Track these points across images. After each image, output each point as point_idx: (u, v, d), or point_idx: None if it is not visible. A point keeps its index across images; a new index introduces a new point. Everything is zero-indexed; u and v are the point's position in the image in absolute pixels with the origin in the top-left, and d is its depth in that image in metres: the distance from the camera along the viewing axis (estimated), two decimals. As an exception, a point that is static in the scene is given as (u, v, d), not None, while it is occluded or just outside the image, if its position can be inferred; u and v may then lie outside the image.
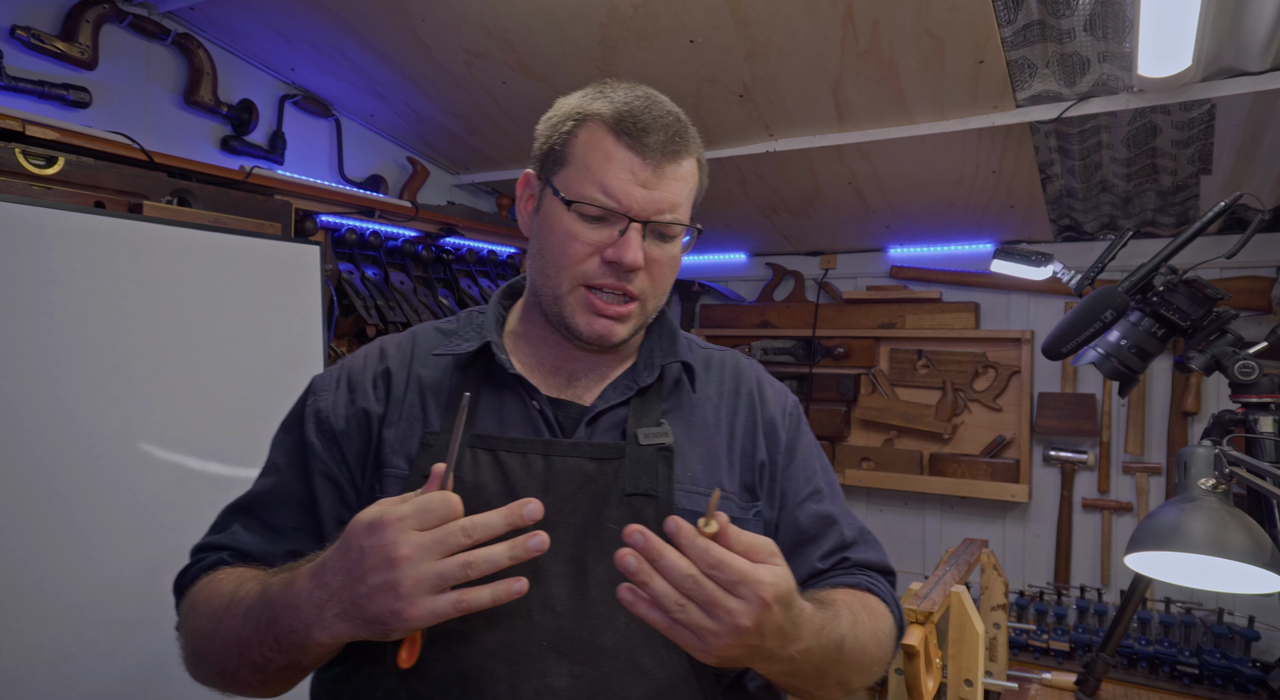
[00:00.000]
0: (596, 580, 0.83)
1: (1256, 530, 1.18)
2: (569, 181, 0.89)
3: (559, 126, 0.92)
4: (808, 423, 1.08)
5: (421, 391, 0.93)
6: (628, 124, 0.87)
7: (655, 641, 0.83)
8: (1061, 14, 1.69)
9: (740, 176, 2.62)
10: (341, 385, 0.96)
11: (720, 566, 0.66)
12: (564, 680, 0.80)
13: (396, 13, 1.98)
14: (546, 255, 0.91)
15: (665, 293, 0.94)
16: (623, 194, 0.86)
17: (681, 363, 0.98)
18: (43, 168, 1.69)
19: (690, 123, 0.94)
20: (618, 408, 0.93)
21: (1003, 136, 2.16)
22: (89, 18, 1.90)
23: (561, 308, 0.90)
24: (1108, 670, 1.77)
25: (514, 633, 0.81)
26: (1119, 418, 2.69)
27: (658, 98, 0.92)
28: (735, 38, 1.91)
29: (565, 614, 0.82)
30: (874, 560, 1.01)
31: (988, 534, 2.89)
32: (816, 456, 1.05)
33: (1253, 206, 1.70)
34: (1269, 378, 1.47)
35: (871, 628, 0.89)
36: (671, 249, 0.91)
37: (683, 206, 0.90)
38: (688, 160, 0.91)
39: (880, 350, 3.10)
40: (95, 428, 1.57)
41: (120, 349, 1.62)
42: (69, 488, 1.53)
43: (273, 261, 1.92)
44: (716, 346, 1.08)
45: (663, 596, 0.66)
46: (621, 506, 0.86)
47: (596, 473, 0.87)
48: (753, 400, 1.01)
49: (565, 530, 0.85)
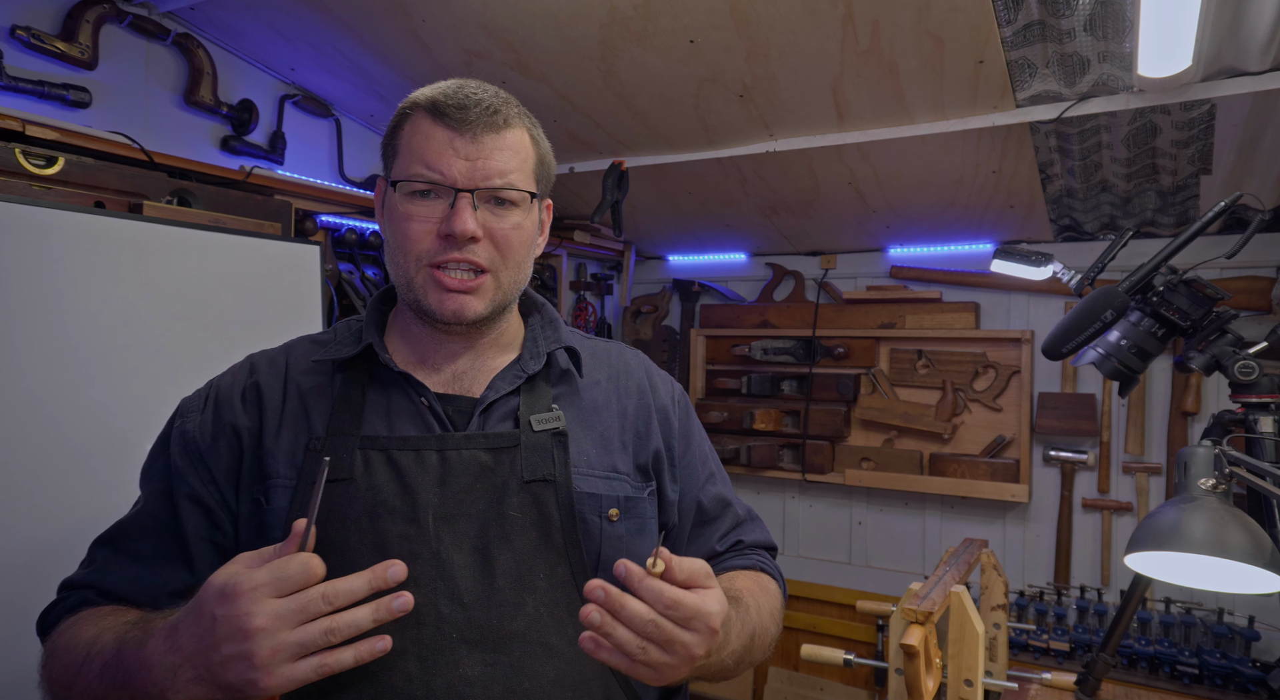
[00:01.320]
0: (502, 568, 0.85)
1: (1256, 530, 1.18)
2: (399, 169, 0.91)
3: (390, 126, 0.95)
4: (693, 409, 1.12)
5: (302, 398, 0.93)
6: (443, 105, 0.89)
7: (564, 621, 0.86)
8: (1061, 14, 1.69)
9: (740, 176, 2.62)
10: (209, 404, 0.95)
11: (675, 606, 0.70)
12: (476, 669, 0.82)
13: (396, 13, 1.98)
14: (392, 244, 0.92)
15: (519, 265, 0.94)
16: (444, 165, 0.87)
17: (567, 348, 1.00)
18: (43, 168, 1.69)
19: (515, 101, 0.94)
20: (508, 397, 0.94)
21: (1003, 136, 2.16)
22: (89, 18, 1.90)
23: (415, 292, 0.91)
24: (1108, 670, 1.77)
25: (422, 628, 0.82)
26: (1119, 418, 2.69)
27: (476, 83, 0.93)
28: (735, 38, 1.91)
29: (473, 605, 0.83)
30: (761, 540, 1.10)
31: (988, 534, 2.89)
32: (705, 440, 1.11)
33: (1253, 206, 1.71)
34: (1269, 378, 1.47)
35: (770, 608, 0.95)
36: (512, 218, 0.91)
37: (514, 174, 0.90)
38: (512, 131, 0.91)
39: (880, 350, 3.10)
40: (95, 428, 1.57)
41: (120, 349, 1.62)
42: (68, 488, 1.53)
43: (273, 261, 1.92)
44: (603, 338, 1.10)
45: (625, 643, 0.70)
46: (521, 494, 0.88)
47: (493, 463, 0.88)
48: (642, 386, 1.04)
49: (467, 522, 0.86)
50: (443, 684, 0.80)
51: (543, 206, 1.00)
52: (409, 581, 0.82)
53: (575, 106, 2.31)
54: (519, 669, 0.83)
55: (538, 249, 1.00)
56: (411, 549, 0.84)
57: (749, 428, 3.13)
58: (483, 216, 0.89)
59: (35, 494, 1.49)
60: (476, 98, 0.89)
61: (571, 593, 0.87)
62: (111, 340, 1.61)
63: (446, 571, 0.84)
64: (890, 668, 1.41)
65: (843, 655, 1.52)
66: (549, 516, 0.88)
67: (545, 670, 0.84)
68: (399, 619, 0.80)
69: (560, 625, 0.86)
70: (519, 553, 0.86)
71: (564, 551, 0.88)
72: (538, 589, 0.86)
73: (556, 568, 0.87)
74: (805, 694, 3.19)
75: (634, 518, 0.95)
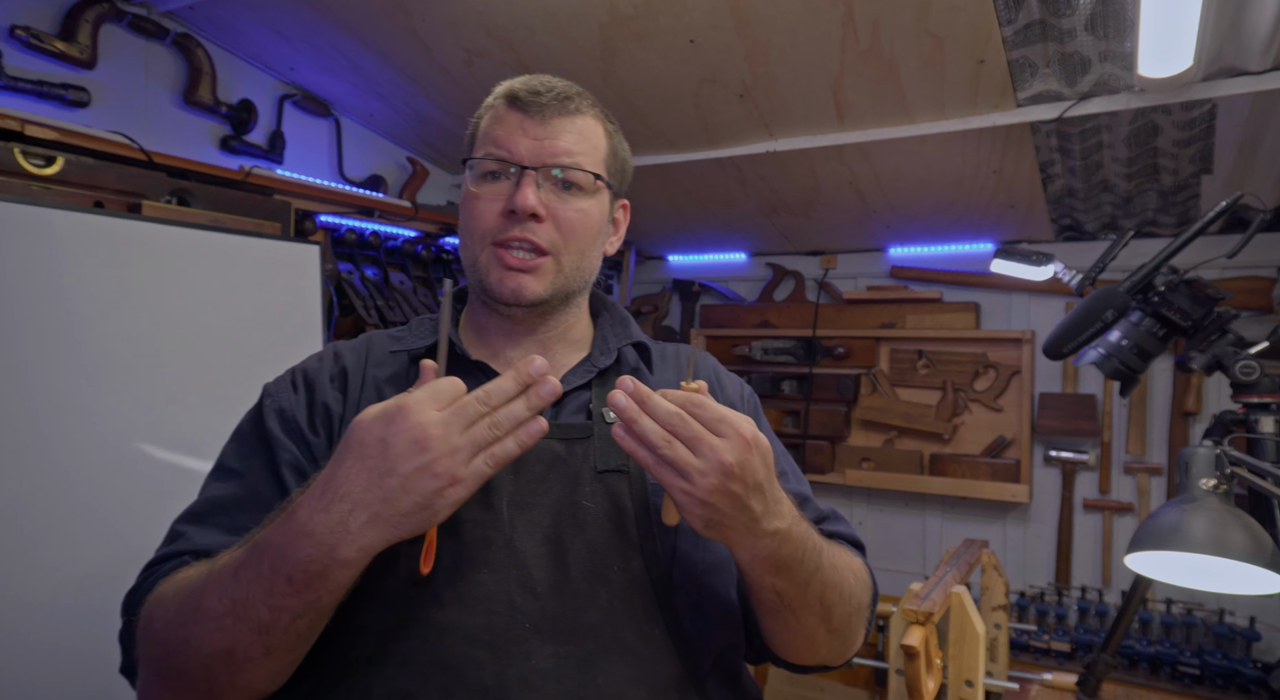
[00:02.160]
0: (575, 558, 0.83)
1: (1257, 530, 1.18)
2: (474, 154, 0.94)
3: (473, 120, 0.98)
4: (763, 412, 1.10)
5: (379, 388, 0.93)
6: (518, 91, 0.92)
7: (638, 617, 0.83)
8: (1062, 14, 1.69)
9: (740, 176, 2.62)
10: (300, 386, 0.95)
11: (702, 406, 0.71)
12: (549, 661, 0.79)
13: (396, 13, 1.98)
14: (462, 224, 0.94)
15: (583, 252, 0.94)
16: (510, 143, 0.90)
17: (636, 344, 1.00)
18: (42, 167, 1.69)
19: (593, 97, 0.96)
20: (579, 390, 0.94)
21: (1003, 136, 2.15)
22: (88, 17, 1.90)
23: (479, 272, 0.92)
24: (1109, 671, 1.76)
25: (494, 617, 0.80)
26: (1120, 418, 2.69)
27: (557, 78, 0.95)
28: (735, 38, 1.91)
29: (546, 595, 0.81)
30: (844, 532, 1.03)
31: (988, 534, 2.89)
32: (777, 442, 1.08)
33: (1253, 206, 1.70)
34: (1270, 378, 1.47)
35: (847, 561, 0.90)
36: (578, 203, 0.92)
37: (580, 157, 0.91)
38: (582, 117, 0.93)
39: (880, 350, 3.10)
40: (95, 428, 1.57)
41: (120, 349, 1.62)
42: (69, 487, 1.53)
43: (272, 261, 1.92)
44: (669, 343, 1.11)
45: (649, 432, 0.70)
46: (594, 484, 0.87)
47: (566, 453, 0.88)
48: (712, 385, 1.03)
49: (540, 511, 0.85)
50: (515, 675, 0.78)
51: (617, 204, 1.00)
52: (482, 568, 0.81)
53: (575, 106, 2.30)
54: (592, 663, 0.80)
55: (610, 248, 1.01)
56: (485, 534, 0.83)
57: (749, 428, 3.12)
58: (546, 197, 0.90)
59: (34, 492, 1.49)
60: (550, 85, 0.92)
61: (646, 589, 0.84)
62: (111, 340, 1.61)
63: (520, 559, 0.82)
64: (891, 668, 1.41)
65: (843, 656, 1.51)
66: (623, 507, 0.87)
67: (620, 667, 0.81)
68: (472, 605, 0.80)
69: (635, 620, 0.83)
70: (592, 543, 0.84)
71: (639, 544, 0.86)
72: (612, 582, 0.83)
73: (631, 561, 0.85)
74: (805, 694, 3.19)
75: None
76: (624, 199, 1.03)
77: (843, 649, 0.93)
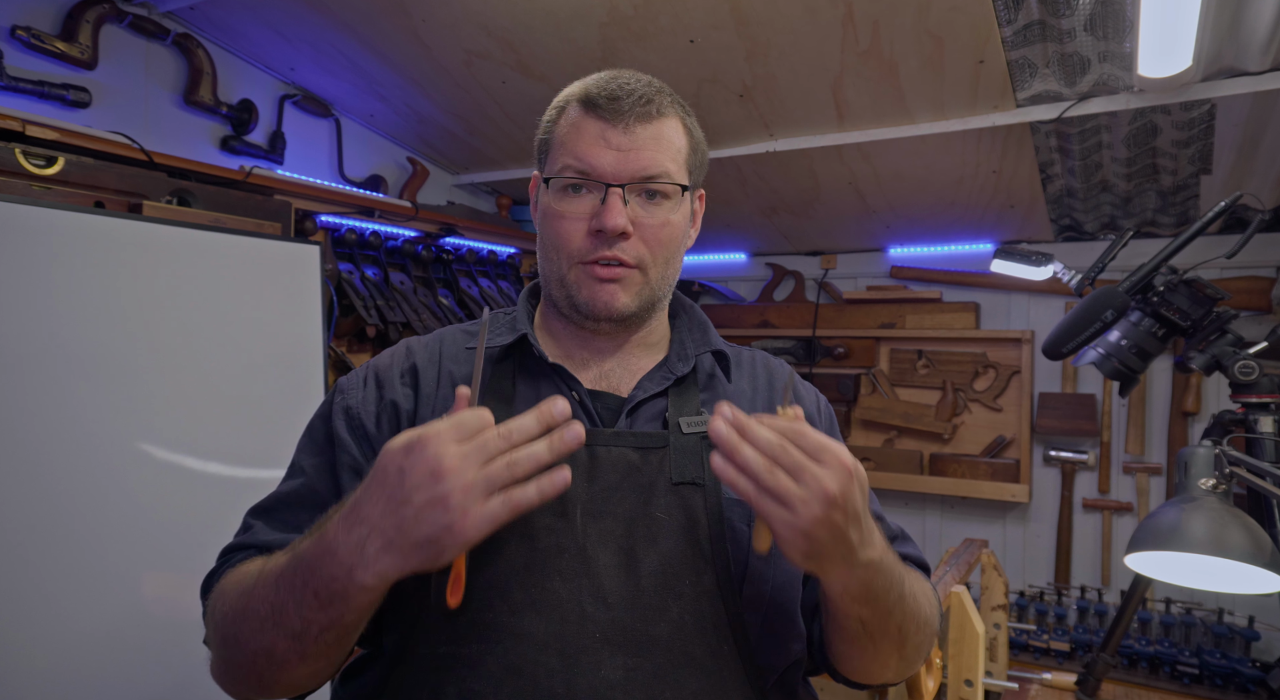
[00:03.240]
0: (647, 570, 0.82)
1: (1256, 530, 1.18)
2: (551, 164, 0.91)
3: (545, 121, 0.94)
4: (837, 422, 1.08)
5: (454, 385, 0.92)
6: (595, 96, 0.88)
7: (707, 632, 0.82)
8: (1062, 14, 1.69)
9: (740, 176, 2.62)
10: (369, 383, 0.95)
11: (803, 435, 0.70)
12: (618, 673, 0.78)
13: (396, 13, 1.98)
14: (545, 241, 0.92)
15: (669, 260, 0.92)
16: (594, 158, 0.87)
17: (716, 352, 0.98)
18: (43, 168, 1.69)
19: (670, 90, 0.93)
20: (656, 398, 0.92)
21: (1003, 136, 2.16)
22: (89, 18, 1.90)
23: (567, 289, 0.90)
24: (1108, 670, 1.77)
25: (566, 625, 0.79)
26: (1119, 418, 2.69)
27: (632, 72, 0.92)
28: (735, 38, 1.91)
29: (617, 605, 0.80)
30: (913, 555, 1.02)
31: (988, 534, 2.89)
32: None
33: (1253, 206, 1.70)
34: (1269, 378, 1.47)
35: (924, 588, 0.90)
36: (663, 213, 0.90)
37: (667, 167, 0.89)
38: (665, 121, 0.90)
39: (880, 350, 3.10)
40: (95, 428, 1.57)
41: (120, 349, 1.62)
42: (68, 487, 1.53)
43: (273, 261, 1.92)
44: (745, 347, 1.08)
45: (751, 461, 0.68)
46: (669, 495, 0.85)
47: (641, 462, 0.86)
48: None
49: (613, 521, 0.84)
50: (585, 685, 0.78)
51: (695, 197, 0.98)
52: (554, 575, 0.81)
53: (575, 106, 2.30)
54: (662, 677, 0.79)
55: (689, 241, 0.98)
56: (558, 542, 0.82)
57: (749, 428, 3.13)
58: (633, 211, 0.87)
59: (34, 492, 1.49)
60: (630, 87, 0.88)
61: (717, 604, 0.83)
62: (111, 340, 1.61)
63: (592, 569, 0.81)
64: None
65: (843, 655, 1.52)
66: (697, 521, 0.85)
67: (689, 682, 0.80)
68: (543, 612, 0.79)
69: (705, 636, 0.82)
70: (665, 555, 0.83)
71: (711, 559, 0.84)
72: (684, 595, 0.82)
73: (703, 576, 0.84)
74: (805, 694, 3.19)
75: None
76: (701, 189, 1.00)
77: (907, 671, 0.93)
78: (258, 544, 0.88)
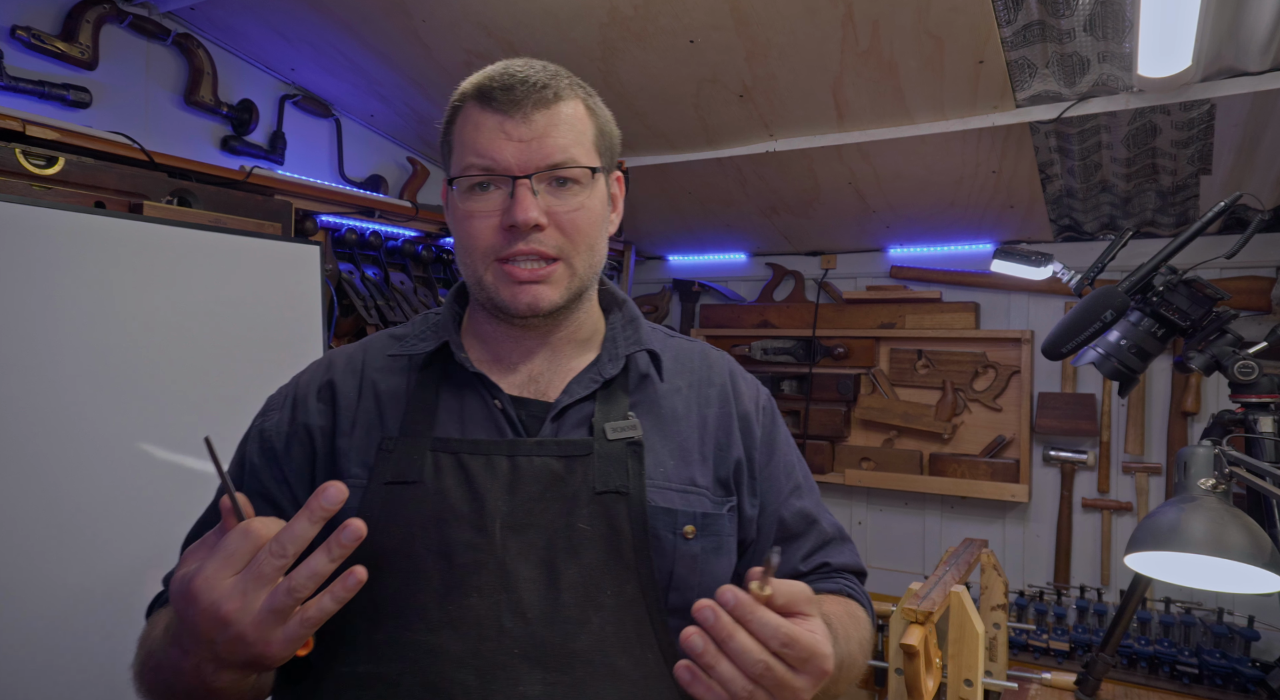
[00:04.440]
0: (568, 583, 0.81)
1: (1256, 530, 1.18)
2: (456, 164, 0.88)
3: (444, 122, 0.91)
4: (780, 415, 1.06)
5: (377, 398, 0.91)
6: (488, 89, 0.85)
7: (630, 642, 0.81)
8: (1061, 14, 1.69)
9: (740, 176, 2.62)
10: (287, 403, 0.94)
11: (791, 644, 0.64)
12: (537, 688, 0.78)
13: (396, 13, 1.98)
14: (459, 243, 0.89)
15: (591, 247, 0.89)
16: (495, 151, 0.84)
17: (648, 351, 0.94)
18: (43, 168, 1.69)
19: (567, 72, 0.89)
20: (583, 402, 0.90)
21: (1003, 136, 2.16)
22: (89, 18, 1.90)
23: (486, 290, 0.88)
24: (1107, 670, 1.77)
25: (484, 642, 0.79)
26: (1119, 418, 2.69)
27: (523, 60, 0.88)
28: (735, 38, 1.91)
29: (536, 620, 0.79)
30: (850, 564, 1.01)
31: (988, 534, 2.89)
32: (793, 450, 1.03)
33: (1252, 206, 1.71)
34: (1269, 378, 1.47)
35: (859, 638, 0.89)
36: (576, 199, 0.86)
37: (572, 152, 0.85)
38: (565, 104, 0.86)
39: (880, 350, 3.10)
40: (95, 427, 1.57)
41: (120, 349, 1.62)
42: (68, 487, 1.53)
43: (273, 261, 1.92)
44: (685, 336, 1.04)
45: (731, 681, 0.64)
46: (592, 505, 0.84)
47: (565, 471, 0.84)
48: (725, 392, 0.98)
49: (535, 534, 0.82)
50: None
51: (611, 179, 0.94)
52: (472, 592, 0.79)
53: (575, 106, 2.30)
54: (581, 691, 0.78)
55: (611, 226, 0.95)
56: (477, 558, 0.81)
57: (749, 428, 3.13)
58: (544, 201, 0.84)
59: (34, 492, 1.49)
60: (523, 75, 0.84)
61: (640, 612, 0.82)
62: (111, 340, 1.61)
63: (511, 584, 0.80)
64: (890, 667, 1.41)
65: (843, 655, 1.52)
66: (620, 530, 0.83)
67: (608, 694, 0.79)
68: (461, 629, 0.79)
69: (627, 646, 0.81)
70: (586, 567, 0.82)
71: (634, 568, 0.83)
72: (605, 606, 0.81)
73: (625, 585, 0.82)
74: (805, 694, 3.19)
75: (711, 535, 0.89)
76: (617, 171, 0.96)
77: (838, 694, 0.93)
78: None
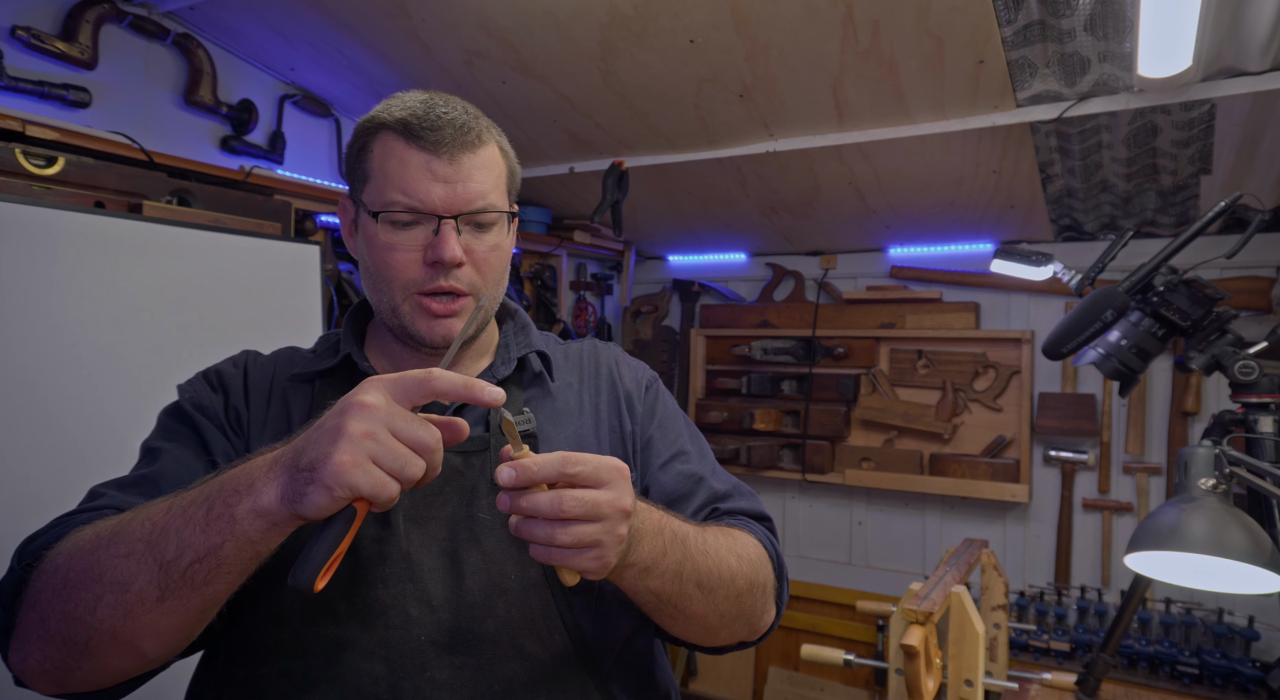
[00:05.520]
0: (472, 571, 0.85)
1: (1256, 530, 1.18)
2: (375, 194, 0.89)
3: (354, 145, 0.93)
4: (670, 394, 1.10)
5: (285, 401, 0.95)
6: (415, 126, 0.87)
7: (536, 623, 0.85)
8: (1061, 14, 1.69)
9: (740, 176, 2.62)
10: (216, 384, 0.96)
11: (578, 465, 0.70)
12: (445, 672, 0.81)
13: (396, 13, 1.98)
14: (375, 271, 0.91)
15: (499, 282, 0.95)
16: (424, 193, 0.87)
17: (538, 352, 1.00)
18: (43, 168, 1.69)
19: (482, 114, 0.94)
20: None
21: (1003, 136, 2.16)
22: (89, 18, 1.90)
23: (401, 319, 0.91)
24: (1108, 670, 1.77)
25: (391, 631, 0.81)
26: (1119, 418, 2.69)
27: (442, 97, 0.92)
28: (735, 38, 1.91)
29: (442, 607, 0.83)
30: (747, 508, 1.02)
31: (988, 534, 2.89)
32: (682, 422, 1.07)
33: (1253, 206, 1.71)
34: (1269, 378, 1.47)
35: (728, 544, 0.89)
36: (491, 238, 0.91)
37: (491, 194, 0.90)
38: (485, 148, 0.91)
39: (880, 350, 3.10)
40: (95, 428, 1.57)
41: (120, 349, 1.62)
42: (68, 487, 1.53)
43: (273, 261, 1.92)
44: (575, 341, 1.10)
45: (558, 535, 0.69)
46: (490, 496, 0.87)
47: (464, 466, 0.89)
48: (612, 377, 1.04)
49: (437, 525, 0.86)
50: (410, 687, 0.80)
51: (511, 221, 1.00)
52: (377, 583, 0.82)
53: (575, 106, 2.31)
54: (489, 670, 0.82)
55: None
56: (382, 550, 0.84)
57: (749, 428, 3.13)
58: (465, 240, 0.89)
59: (34, 492, 1.49)
60: (449, 117, 0.88)
61: (545, 594, 0.86)
62: (111, 340, 1.61)
63: (416, 573, 0.84)
64: (890, 668, 1.41)
65: (843, 655, 1.52)
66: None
67: (516, 672, 0.83)
68: (368, 621, 0.81)
69: (533, 628, 0.85)
70: (488, 554, 0.86)
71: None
72: (509, 591, 0.85)
73: (529, 569, 0.87)
74: (805, 694, 3.19)
75: None
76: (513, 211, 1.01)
77: (747, 630, 0.93)
78: (117, 506, 0.83)
